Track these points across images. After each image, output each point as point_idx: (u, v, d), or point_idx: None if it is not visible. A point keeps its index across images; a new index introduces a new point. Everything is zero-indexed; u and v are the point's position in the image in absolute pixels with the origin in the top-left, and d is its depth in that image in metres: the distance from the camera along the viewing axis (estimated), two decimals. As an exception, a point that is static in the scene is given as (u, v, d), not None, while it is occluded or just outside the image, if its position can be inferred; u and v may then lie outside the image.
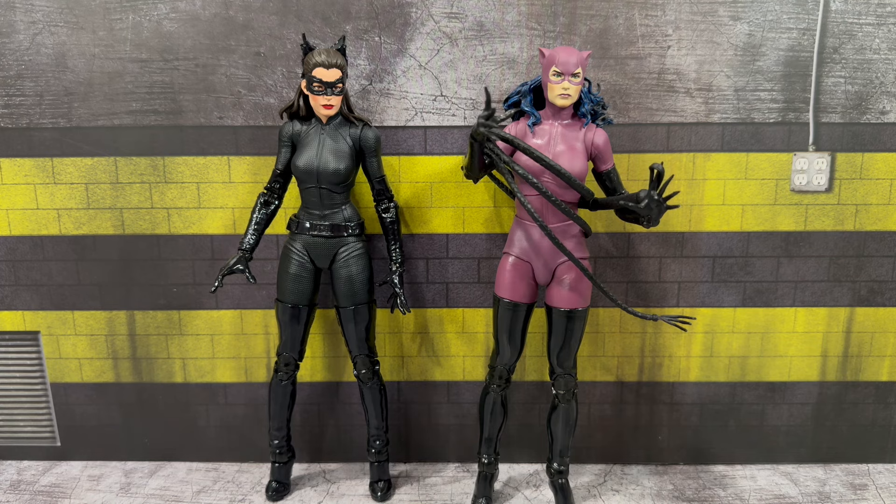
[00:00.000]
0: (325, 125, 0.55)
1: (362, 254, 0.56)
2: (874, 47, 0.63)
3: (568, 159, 0.52)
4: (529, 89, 0.54)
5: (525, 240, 0.55)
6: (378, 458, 0.61)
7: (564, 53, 0.51)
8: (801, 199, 0.66)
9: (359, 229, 0.57)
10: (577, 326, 0.56)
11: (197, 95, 0.61)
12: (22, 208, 0.63)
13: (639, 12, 0.61)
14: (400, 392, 0.69)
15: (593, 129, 0.53)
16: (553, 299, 0.56)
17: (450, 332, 0.67)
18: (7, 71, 0.60)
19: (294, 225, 0.57)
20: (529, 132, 0.53)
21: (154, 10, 0.59)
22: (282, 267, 0.57)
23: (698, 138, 0.63)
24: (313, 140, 0.54)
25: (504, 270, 0.56)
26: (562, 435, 0.60)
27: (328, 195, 0.54)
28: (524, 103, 0.54)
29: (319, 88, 0.52)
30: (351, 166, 0.55)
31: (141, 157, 0.63)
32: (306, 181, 0.54)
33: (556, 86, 0.51)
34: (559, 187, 0.52)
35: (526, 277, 0.55)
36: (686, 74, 0.62)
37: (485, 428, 0.59)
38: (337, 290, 0.57)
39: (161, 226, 0.64)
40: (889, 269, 0.69)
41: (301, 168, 0.54)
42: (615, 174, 0.55)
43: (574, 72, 0.51)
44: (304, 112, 0.56)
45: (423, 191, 0.64)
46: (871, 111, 0.63)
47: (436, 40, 0.60)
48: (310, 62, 0.53)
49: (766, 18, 0.61)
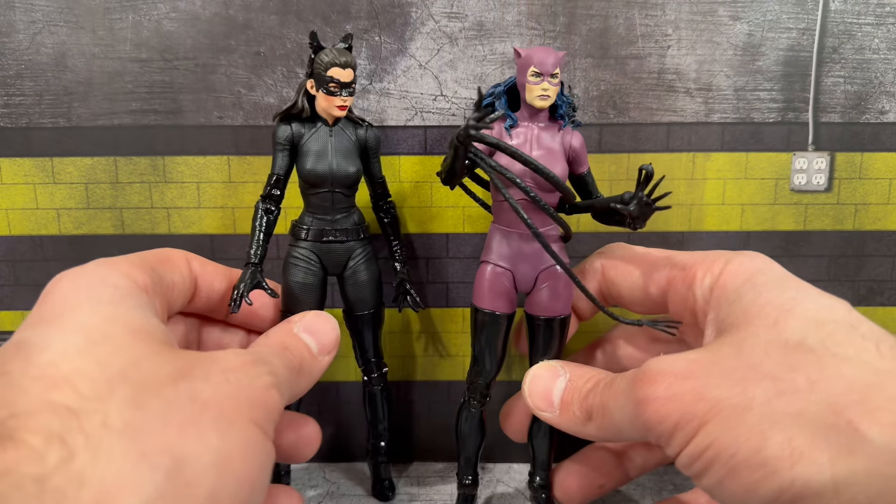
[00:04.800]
0: (331, 126, 0.51)
1: (371, 257, 0.53)
2: (873, 47, 0.63)
3: (547, 162, 0.48)
4: (503, 90, 0.50)
5: (505, 246, 0.50)
6: (383, 459, 0.59)
7: (542, 53, 0.47)
8: (801, 198, 0.66)
9: (366, 232, 0.54)
10: (558, 335, 0.51)
11: (197, 95, 0.61)
12: (21, 208, 0.63)
13: (639, 12, 0.61)
14: (400, 391, 0.69)
15: (570, 131, 0.50)
16: (533, 307, 0.51)
17: (450, 331, 0.67)
18: (6, 70, 0.60)
19: (304, 232, 0.52)
20: (506, 135, 0.49)
21: (154, 10, 0.59)
22: (288, 277, 0.52)
23: (698, 138, 0.63)
24: (323, 143, 0.50)
25: (483, 279, 0.50)
26: (543, 446, 0.55)
27: (341, 199, 0.51)
28: (498, 105, 0.49)
29: (335, 89, 0.49)
30: (360, 168, 0.52)
31: (141, 157, 0.63)
32: (319, 185, 0.50)
33: (536, 87, 0.47)
34: (541, 190, 0.48)
35: (506, 286, 0.50)
36: (686, 74, 0.62)
37: (463, 448, 0.54)
38: (350, 296, 0.53)
39: (161, 225, 0.64)
40: (888, 269, 0.69)
41: (317, 172, 0.50)
42: (591, 177, 0.52)
43: (553, 72, 0.47)
44: (307, 113, 0.52)
45: (423, 191, 0.63)
46: (871, 111, 0.63)
47: (436, 40, 0.60)
48: (323, 61, 0.49)
49: (766, 18, 0.61)
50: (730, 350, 0.32)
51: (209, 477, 0.24)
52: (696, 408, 0.29)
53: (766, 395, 0.28)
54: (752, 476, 0.27)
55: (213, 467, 0.24)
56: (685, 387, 0.30)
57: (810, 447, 0.26)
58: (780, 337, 0.31)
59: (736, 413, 0.28)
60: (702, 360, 0.32)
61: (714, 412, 0.29)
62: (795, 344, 0.30)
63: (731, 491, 0.28)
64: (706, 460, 0.29)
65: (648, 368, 0.32)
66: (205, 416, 0.25)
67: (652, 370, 0.32)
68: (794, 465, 0.26)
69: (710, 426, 0.28)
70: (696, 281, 0.42)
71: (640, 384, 0.32)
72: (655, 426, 0.31)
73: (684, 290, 0.44)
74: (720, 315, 0.38)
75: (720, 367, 0.31)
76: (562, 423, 0.39)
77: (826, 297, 0.35)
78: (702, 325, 0.41)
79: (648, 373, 0.32)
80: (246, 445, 0.26)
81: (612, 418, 0.35)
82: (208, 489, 0.23)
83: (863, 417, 0.26)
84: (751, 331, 0.32)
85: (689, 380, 0.30)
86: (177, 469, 0.23)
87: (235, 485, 0.25)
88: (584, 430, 0.38)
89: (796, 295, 0.35)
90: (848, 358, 0.28)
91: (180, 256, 0.44)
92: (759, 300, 0.35)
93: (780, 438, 0.26)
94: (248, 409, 0.27)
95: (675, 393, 0.30)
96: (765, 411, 0.27)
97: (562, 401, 0.39)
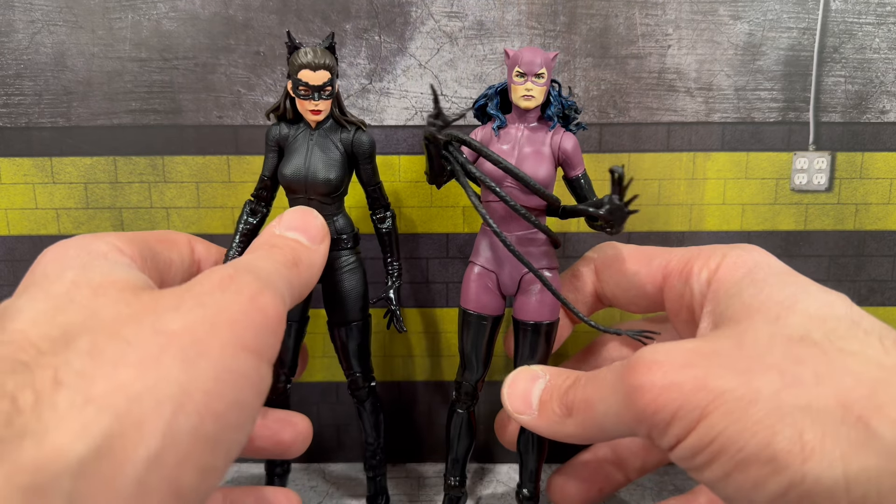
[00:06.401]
0: (314, 130, 0.49)
1: (356, 267, 0.50)
2: (874, 47, 0.63)
3: (533, 164, 0.47)
4: (496, 92, 0.49)
5: (489, 248, 0.49)
6: (376, 472, 0.57)
7: (529, 54, 0.46)
8: (802, 198, 0.66)
9: (352, 241, 0.51)
10: (543, 341, 0.49)
11: (196, 95, 0.61)
12: (21, 208, 0.63)
13: (639, 11, 0.61)
14: (400, 392, 0.68)
15: (561, 132, 0.48)
16: (520, 312, 0.49)
17: (450, 331, 0.67)
18: (6, 70, 0.60)
19: None
20: (495, 136, 0.48)
21: (153, 10, 0.59)
22: None
23: (698, 138, 0.63)
24: (301, 146, 0.48)
25: (469, 280, 0.49)
26: (531, 456, 0.53)
27: (318, 206, 0.48)
28: (490, 106, 0.48)
29: (306, 92, 0.46)
30: (343, 175, 0.49)
31: (140, 157, 0.62)
32: (295, 191, 0.48)
33: (520, 87, 0.46)
34: (522, 193, 0.47)
35: (491, 288, 0.49)
36: (686, 74, 0.62)
37: (451, 449, 0.53)
38: (329, 307, 0.51)
39: (160, 225, 0.64)
40: (889, 269, 0.69)
41: (288, 177, 0.48)
42: (586, 179, 0.50)
43: (538, 72, 0.46)
44: (290, 115, 0.49)
45: (423, 191, 0.63)
46: (871, 111, 0.63)
47: (436, 39, 0.60)
48: (295, 63, 0.46)
49: (767, 18, 0.61)
50: (730, 342, 0.31)
51: (163, 413, 0.23)
52: (696, 398, 0.28)
53: (773, 386, 0.27)
54: (761, 471, 0.26)
55: (170, 402, 0.23)
56: (684, 375, 0.29)
57: (822, 442, 0.25)
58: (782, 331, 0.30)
59: (741, 405, 0.27)
60: (701, 350, 0.31)
61: (717, 403, 0.27)
62: (799, 338, 0.29)
63: (738, 486, 0.27)
64: (710, 454, 0.28)
65: (642, 357, 0.31)
66: (169, 348, 0.24)
67: (646, 359, 0.30)
68: (806, 460, 0.25)
69: (712, 418, 0.27)
70: (693, 275, 0.42)
71: (632, 373, 0.30)
72: (650, 417, 0.29)
73: (681, 284, 0.43)
74: (718, 308, 0.37)
75: (722, 357, 0.30)
76: (540, 425, 0.38)
77: (826, 293, 0.34)
78: (698, 321, 0.41)
79: (642, 361, 0.30)
80: (220, 373, 0.25)
81: (595, 412, 0.33)
82: (161, 426, 0.23)
83: (873, 413, 0.25)
84: (751, 324, 0.31)
85: (688, 369, 0.29)
86: (127, 408, 0.22)
87: (197, 419, 0.24)
88: (563, 429, 0.36)
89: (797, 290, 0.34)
90: (853, 353, 0.28)
91: (182, 237, 0.44)
92: (760, 295, 0.35)
93: (789, 432, 0.26)
94: (227, 330, 0.26)
95: (672, 382, 0.29)
96: (772, 404, 0.27)
97: (541, 400, 0.38)
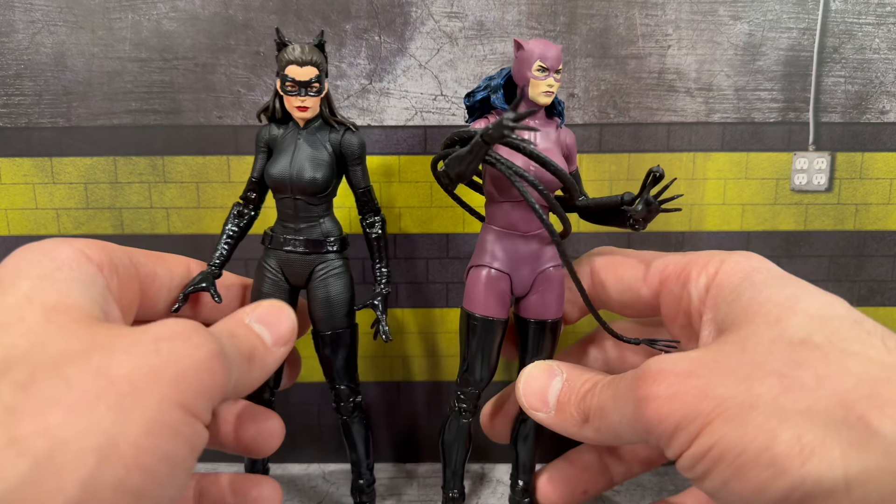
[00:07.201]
0: (301, 129, 0.48)
1: (342, 272, 0.48)
2: (874, 47, 0.63)
3: (555, 160, 0.49)
4: (501, 83, 0.46)
5: (502, 250, 0.47)
6: (367, 499, 0.54)
7: (544, 46, 0.44)
8: (802, 198, 0.66)
9: (339, 245, 0.49)
10: (548, 338, 0.48)
11: (196, 95, 0.61)
12: (21, 208, 0.63)
13: (639, 12, 0.61)
14: (400, 392, 0.69)
15: (565, 129, 0.48)
16: (526, 310, 0.49)
17: (450, 331, 0.67)
18: (6, 70, 0.60)
19: (268, 239, 0.49)
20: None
21: (153, 10, 0.59)
22: (255, 286, 0.49)
23: (699, 138, 0.63)
24: (289, 145, 0.47)
25: (478, 283, 0.47)
26: (526, 450, 0.52)
27: (304, 207, 0.47)
28: (495, 98, 0.46)
29: (293, 88, 0.46)
30: (330, 175, 0.47)
31: (140, 157, 0.62)
32: (280, 191, 0.47)
33: (541, 82, 0.44)
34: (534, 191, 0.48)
35: (502, 290, 0.47)
36: (686, 74, 0.62)
37: (449, 460, 0.51)
38: (313, 313, 0.49)
39: (160, 225, 0.64)
40: (889, 269, 0.69)
41: (274, 177, 0.46)
42: (577, 175, 0.50)
43: (558, 67, 0.45)
44: (279, 114, 0.49)
45: (423, 191, 0.63)
46: (871, 111, 0.63)
47: (436, 39, 0.60)
48: (282, 59, 0.46)
49: (767, 18, 0.61)
50: (732, 348, 0.31)
51: (86, 463, 0.22)
52: (698, 407, 0.28)
53: (772, 392, 0.27)
54: (761, 475, 0.26)
55: (95, 452, 0.22)
56: (687, 385, 0.29)
57: (821, 443, 0.25)
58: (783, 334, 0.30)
59: (741, 411, 0.27)
60: (704, 359, 0.31)
61: (718, 411, 0.28)
62: (800, 341, 0.29)
63: (738, 492, 0.27)
64: (710, 461, 0.28)
65: (649, 367, 0.31)
66: (106, 395, 0.23)
67: (653, 369, 0.31)
68: (805, 462, 0.25)
69: (714, 425, 0.28)
70: (691, 280, 0.42)
71: (641, 383, 0.31)
72: (656, 426, 0.30)
73: (678, 289, 0.43)
74: (719, 315, 0.37)
75: (723, 365, 0.30)
76: (557, 425, 0.38)
77: (826, 295, 0.35)
78: (696, 326, 0.41)
79: (649, 372, 0.31)
80: (152, 427, 0.24)
81: (610, 420, 0.34)
82: (82, 477, 0.22)
83: (874, 412, 0.25)
84: (753, 329, 0.31)
85: (692, 378, 0.29)
86: (49, 454, 0.21)
87: (122, 472, 0.23)
88: (581, 433, 0.37)
89: (796, 292, 0.34)
90: (855, 353, 0.28)
91: (178, 258, 0.43)
92: (759, 298, 0.35)
93: (788, 436, 0.25)
94: (171, 384, 0.25)
95: (676, 392, 0.29)
96: (772, 409, 0.27)
97: (558, 401, 0.38)
